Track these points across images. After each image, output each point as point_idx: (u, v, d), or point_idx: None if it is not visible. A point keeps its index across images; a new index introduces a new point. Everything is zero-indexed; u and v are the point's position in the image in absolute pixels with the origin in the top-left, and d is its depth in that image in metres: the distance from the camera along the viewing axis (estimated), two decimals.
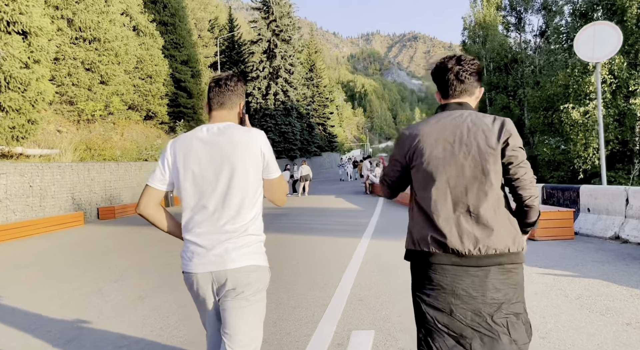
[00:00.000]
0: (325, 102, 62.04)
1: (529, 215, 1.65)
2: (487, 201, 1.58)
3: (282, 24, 40.91)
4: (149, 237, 9.57)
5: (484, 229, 1.57)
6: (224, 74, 1.91)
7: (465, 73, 1.73)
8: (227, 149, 1.72)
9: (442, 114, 1.72)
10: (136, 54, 21.92)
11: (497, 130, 1.60)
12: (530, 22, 30.64)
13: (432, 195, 1.63)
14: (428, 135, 1.66)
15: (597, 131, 13.51)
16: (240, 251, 1.70)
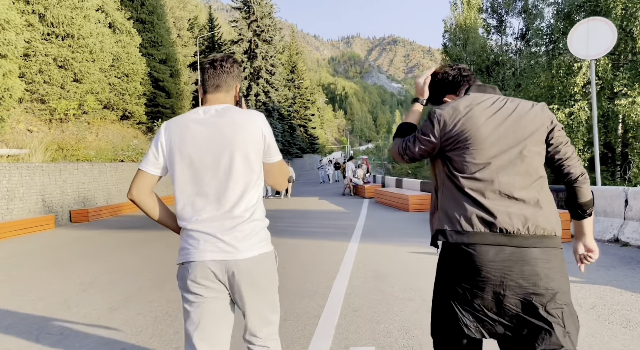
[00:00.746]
0: (307, 104, 61.73)
1: (586, 192, 1.59)
2: (532, 181, 1.56)
3: (263, 24, 40.44)
4: (123, 241, 9.00)
5: (532, 208, 1.53)
6: (219, 55, 1.82)
7: (465, 72, 1.82)
8: (227, 131, 1.64)
9: (477, 95, 1.68)
10: (112, 52, 21.15)
11: (540, 111, 1.62)
12: (511, 24, 31.05)
13: (478, 175, 1.58)
14: (471, 115, 1.61)
15: (582, 132, 13.51)
16: (250, 240, 1.65)
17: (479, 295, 1.54)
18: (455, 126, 1.62)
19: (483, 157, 1.58)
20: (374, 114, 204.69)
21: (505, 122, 1.59)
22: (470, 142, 1.59)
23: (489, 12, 29.91)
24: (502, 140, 1.58)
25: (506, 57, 29.43)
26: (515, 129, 1.58)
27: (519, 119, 1.59)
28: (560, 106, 13.88)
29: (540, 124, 1.59)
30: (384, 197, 13.84)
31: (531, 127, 1.58)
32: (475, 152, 1.58)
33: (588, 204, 1.61)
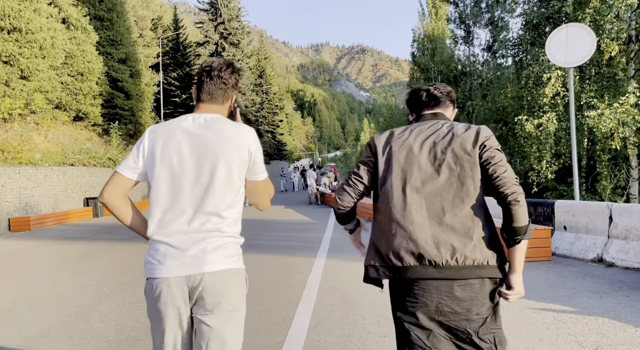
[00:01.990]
0: (275, 110, 60.93)
1: (518, 216, 1.49)
2: (464, 209, 1.53)
3: (231, 27, 39.51)
4: (62, 255, 8.00)
5: (462, 237, 1.51)
6: (217, 61, 1.76)
7: (437, 91, 1.82)
8: (214, 143, 1.60)
9: (416, 123, 1.74)
10: (65, 49, 19.82)
11: (473, 134, 1.59)
12: (479, 36, 31.33)
13: (406, 204, 1.56)
14: (401, 142, 1.65)
15: (550, 144, 13.41)
16: (219, 253, 1.58)
17: (418, 323, 1.55)
18: (383, 152, 1.67)
19: (410, 183, 1.58)
20: (342, 121, 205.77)
21: (436, 145, 1.60)
22: (396, 167, 1.61)
23: (457, 22, 30.15)
24: (430, 165, 1.58)
25: (473, 68, 29.70)
26: (444, 154, 1.57)
27: (449, 143, 1.59)
28: (529, 117, 13.76)
29: (471, 147, 1.56)
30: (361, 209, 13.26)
31: (460, 150, 1.56)
32: (401, 178, 1.60)
33: (524, 229, 1.50)
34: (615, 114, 11.62)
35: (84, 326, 4.02)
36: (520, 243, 1.54)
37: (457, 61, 31.21)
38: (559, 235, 6.50)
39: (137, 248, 8.36)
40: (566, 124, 13.52)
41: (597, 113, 11.86)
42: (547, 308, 4.03)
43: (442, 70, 32.73)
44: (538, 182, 14.21)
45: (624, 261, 5.36)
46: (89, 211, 16.01)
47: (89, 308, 4.58)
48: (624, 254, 5.40)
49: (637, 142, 12.42)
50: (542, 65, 13.35)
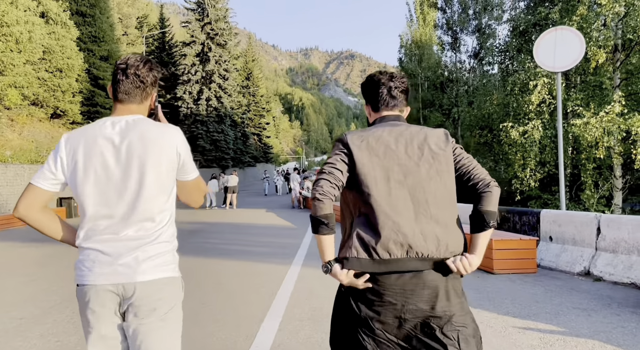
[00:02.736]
0: (262, 112, 60.44)
1: (491, 201, 1.56)
2: (444, 201, 1.57)
3: (218, 27, 39.02)
4: (23, 258, 7.50)
5: (443, 228, 1.55)
6: (133, 57, 1.61)
7: (397, 90, 1.77)
8: (138, 146, 1.51)
9: (383, 123, 1.73)
10: (43, 44, 19.19)
11: (443, 134, 1.67)
12: (466, 43, 31.32)
13: (391, 197, 1.55)
14: (376, 137, 1.64)
15: (534, 152, 13.25)
16: (152, 261, 1.52)
17: (380, 319, 1.55)
18: (359, 149, 1.63)
19: (393, 177, 1.59)
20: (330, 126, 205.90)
21: (412, 142, 1.63)
22: (377, 163, 1.60)
23: (444, 28, 30.15)
24: (410, 160, 1.60)
25: (460, 74, 29.69)
26: (422, 149, 1.61)
27: (424, 140, 1.63)
28: (514, 124, 13.60)
29: (444, 144, 1.63)
30: (334, 211, 12.93)
31: (435, 146, 1.62)
32: (384, 173, 1.60)
33: (493, 215, 1.57)
34: (600, 122, 11.50)
35: (20, 343, 3.59)
36: (489, 230, 1.57)
37: (444, 67, 31.22)
38: (544, 246, 6.23)
39: None
40: (551, 131, 13.39)
41: (582, 121, 11.72)
42: (533, 327, 3.72)
43: (429, 76, 32.69)
44: (522, 190, 14.04)
45: (612, 275, 5.10)
46: (61, 211, 15.40)
47: (33, 321, 4.14)
48: (612, 268, 5.14)
49: (622, 151, 12.32)
50: (528, 72, 13.21)
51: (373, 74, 1.82)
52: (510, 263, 5.82)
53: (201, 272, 6.19)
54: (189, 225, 12.52)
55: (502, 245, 5.84)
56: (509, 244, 5.85)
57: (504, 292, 4.91)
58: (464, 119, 26.46)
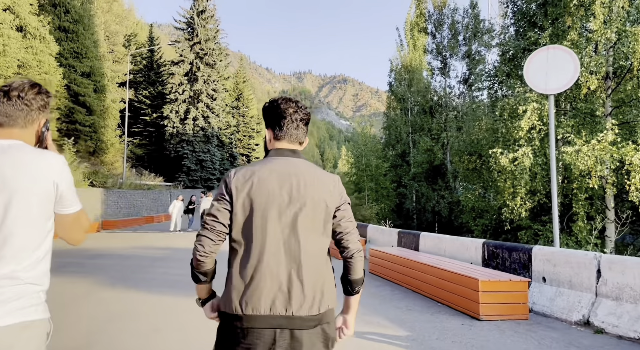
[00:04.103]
0: (251, 133, 59.98)
1: (355, 270, 1.60)
2: (315, 257, 1.54)
3: (207, 47, 38.81)
4: None
5: (314, 286, 1.51)
6: (19, 81, 1.54)
7: (301, 122, 1.70)
8: (7, 172, 1.40)
9: (276, 159, 1.64)
10: (18, 58, 18.50)
11: (332, 184, 1.61)
12: (455, 68, 31.20)
13: (264, 248, 1.50)
14: (260, 179, 1.56)
15: (525, 180, 12.67)
16: (7, 305, 1.36)
17: None
18: (240, 189, 1.58)
19: (263, 226, 1.53)
20: (321, 148, 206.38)
21: (297, 189, 1.57)
22: (251, 207, 1.56)
23: (434, 53, 30.12)
24: (287, 208, 1.55)
25: (449, 99, 29.50)
26: (303, 199, 1.56)
27: (310, 188, 1.58)
28: (504, 150, 13.06)
29: (329, 196, 1.59)
30: None
31: (319, 197, 1.58)
32: (256, 220, 1.54)
33: (358, 282, 1.61)
34: (593, 151, 10.97)
35: None
36: (358, 295, 1.65)
37: (434, 92, 31.06)
38: (537, 288, 5.51)
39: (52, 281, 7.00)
40: (542, 159, 12.85)
41: (574, 149, 11.20)
42: None
43: (418, 100, 32.50)
44: (511, 219, 13.39)
45: (617, 328, 4.37)
46: None
47: None
48: (615, 319, 4.41)
49: (615, 181, 11.78)
50: (517, 97, 12.76)
51: (277, 100, 1.71)
52: (499, 308, 5.08)
53: (119, 306, 5.34)
54: (154, 250, 11.63)
55: (490, 287, 5.11)
56: (497, 286, 5.12)
57: (490, 342, 4.16)
58: (453, 144, 26.06)
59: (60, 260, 9.72)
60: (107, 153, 28.61)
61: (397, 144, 34.70)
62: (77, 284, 6.97)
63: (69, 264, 9.10)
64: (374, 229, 10.45)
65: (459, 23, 28.87)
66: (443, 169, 28.73)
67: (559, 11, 12.89)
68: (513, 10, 15.88)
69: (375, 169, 30.64)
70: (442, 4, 30.54)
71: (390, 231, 9.56)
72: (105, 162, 28.71)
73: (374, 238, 10.40)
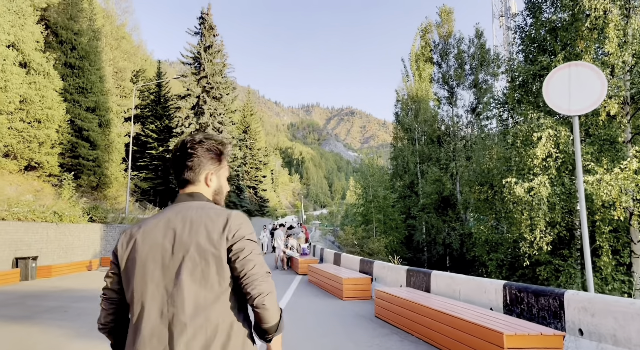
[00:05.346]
0: (258, 165, 59.80)
1: (263, 318, 1.38)
2: (209, 319, 1.34)
3: (214, 81, 39.03)
4: None
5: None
6: None
7: (196, 159, 1.52)
8: None
9: (168, 208, 1.50)
10: (20, 93, 18.39)
11: (222, 223, 1.41)
12: (462, 97, 30.60)
13: (135, 315, 1.36)
14: (145, 234, 1.43)
15: (543, 211, 11.83)
16: None
17: None
18: (125, 248, 1.46)
19: (143, 288, 1.39)
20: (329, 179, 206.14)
21: (180, 238, 1.40)
22: (132, 268, 1.43)
23: (440, 82, 29.84)
24: (171, 262, 1.39)
25: (457, 129, 28.96)
26: (187, 248, 1.39)
27: (195, 234, 1.40)
28: (518, 179, 12.30)
29: (218, 239, 1.39)
30: (317, 276, 11.32)
31: (205, 242, 1.39)
32: (136, 282, 1.41)
33: (272, 329, 1.40)
34: (616, 179, 10.18)
35: None
36: (275, 340, 1.45)
37: (441, 121, 30.60)
38: (572, 343, 4.66)
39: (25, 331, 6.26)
40: (560, 188, 12.04)
41: (595, 178, 10.42)
42: None
43: (425, 130, 32.03)
44: (530, 253, 12.47)
45: None
46: (15, 273, 13.73)
47: None
48: None
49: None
50: (531, 124, 12.10)
51: (179, 141, 1.58)
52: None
53: None
54: None
55: (518, 343, 4.29)
56: (526, 341, 4.31)
57: None
58: (463, 174, 25.30)
59: (44, 303, 9.03)
60: (110, 187, 28.22)
61: (405, 174, 34.00)
62: (48, 335, 6.23)
63: (52, 309, 8.39)
64: (380, 266, 9.63)
65: (465, 52, 28.68)
66: (453, 200, 27.85)
67: (570, 35, 12.40)
68: (521, 37, 15.46)
69: (383, 200, 29.83)
70: (448, 33, 30.52)
71: (398, 269, 8.73)
72: (108, 196, 28.28)
73: (380, 276, 9.56)
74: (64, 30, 24.27)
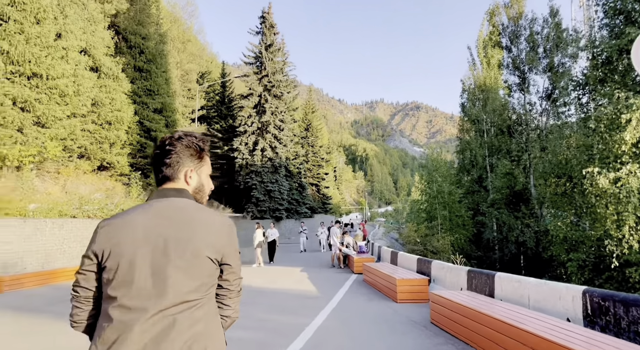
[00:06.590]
0: (321, 163, 59.75)
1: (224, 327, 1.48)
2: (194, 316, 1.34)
3: (275, 79, 39.39)
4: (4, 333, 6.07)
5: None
6: None
7: (174, 155, 1.51)
8: None
9: (152, 202, 1.45)
10: (91, 97, 19.43)
11: (219, 228, 1.44)
12: (535, 83, 27.89)
13: (114, 315, 1.30)
14: (126, 229, 1.37)
15: (634, 204, 10.26)
16: None
17: None
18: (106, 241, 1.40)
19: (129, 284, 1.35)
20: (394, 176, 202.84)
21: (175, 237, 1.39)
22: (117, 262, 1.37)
23: (510, 68, 27.72)
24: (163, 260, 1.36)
25: (530, 117, 26.72)
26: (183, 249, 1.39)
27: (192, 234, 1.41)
28: (601, 169, 10.79)
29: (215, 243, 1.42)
30: (371, 276, 10.67)
31: (203, 245, 1.41)
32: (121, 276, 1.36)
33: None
34: None
35: None
36: None
37: (512, 110, 28.42)
38: None
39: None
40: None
41: None
42: None
43: (494, 120, 29.98)
44: (618, 253, 10.91)
45: None
46: None
47: None
48: None
49: None
50: (617, 105, 10.53)
51: (159, 140, 1.61)
52: None
53: None
54: None
55: None
56: None
57: None
58: (537, 166, 23.24)
59: None
60: None
61: (473, 168, 32.12)
62: None
63: None
64: (439, 266, 8.77)
65: (538, 34, 26.37)
66: (526, 194, 25.75)
67: None
68: (604, 10, 13.67)
69: (448, 196, 28.30)
70: (518, 15, 28.28)
71: (458, 270, 7.86)
72: None
73: (439, 277, 8.71)
74: (133, 35, 25.47)
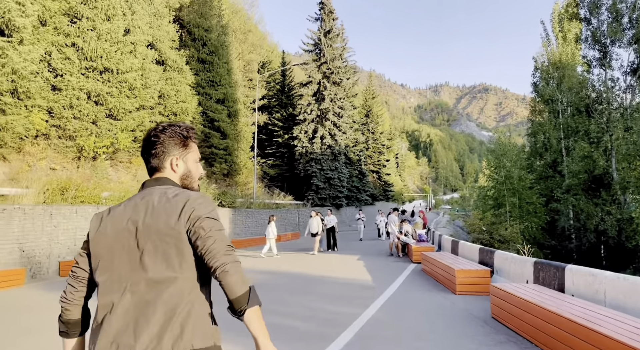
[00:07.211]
0: (382, 149, 58.88)
1: (229, 287, 1.35)
2: (172, 299, 1.36)
3: (334, 66, 39.09)
4: None
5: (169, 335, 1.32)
6: None
7: (159, 146, 1.56)
8: None
9: (137, 194, 1.54)
10: (158, 89, 20.32)
11: (180, 206, 1.42)
12: (619, 56, 25.12)
13: (100, 299, 1.41)
14: (113, 218, 1.46)
15: None
16: None
17: None
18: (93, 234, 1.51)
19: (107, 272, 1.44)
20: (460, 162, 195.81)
21: (143, 223, 1.43)
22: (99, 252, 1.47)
23: (589, 42, 25.33)
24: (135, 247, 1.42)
25: (612, 95, 24.32)
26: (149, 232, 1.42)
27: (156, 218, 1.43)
28: None
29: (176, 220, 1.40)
30: (430, 265, 10.24)
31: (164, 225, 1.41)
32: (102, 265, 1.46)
33: (239, 302, 1.35)
34: None
35: None
36: (249, 313, 1.35)
37: (591, 88, 26.02)
38: None
39: None
40: None
41: None
42: None
43: (571, 100, 27.66)
44: None
45: None
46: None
47: None
48: None
49: None
50: None
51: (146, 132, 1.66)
52: None
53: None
54: (258, 275, 10.98)
55: None
56: None
57: None
58: (620, 148, 21.13)
59: None
60: (240, 174, 30.15)
61: (546, 152, 29.97)
62: None
63: None
64: (503, 257, 8.17)
65: (623, 2, 23.79)
66: (607, 179, 23.57)
67: None
68: None
69: (518, 182, 26.61)
70: None
71: (524, 261, 7.26)
72: (239, 182, 30.28)
73: (502, 268, 8.13)
74: (196, 28, 26.29)
